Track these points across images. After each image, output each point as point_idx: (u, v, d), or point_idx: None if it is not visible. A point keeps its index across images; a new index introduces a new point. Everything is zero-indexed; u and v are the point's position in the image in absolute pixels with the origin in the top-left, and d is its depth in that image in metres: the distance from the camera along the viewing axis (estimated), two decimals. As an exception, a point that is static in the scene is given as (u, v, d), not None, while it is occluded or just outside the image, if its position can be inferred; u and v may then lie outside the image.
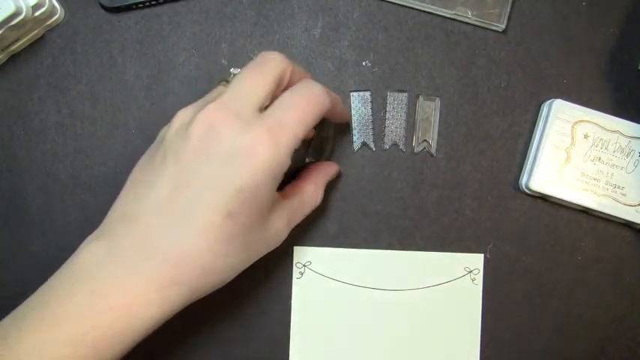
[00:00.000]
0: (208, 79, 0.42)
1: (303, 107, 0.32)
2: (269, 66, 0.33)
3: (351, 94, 0.42)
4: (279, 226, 0.35)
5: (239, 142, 0.30)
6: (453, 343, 0.41)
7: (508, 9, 0.42)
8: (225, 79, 0.36)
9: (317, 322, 0.41)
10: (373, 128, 0.42)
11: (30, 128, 0.42)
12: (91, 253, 0.31)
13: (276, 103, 0.32)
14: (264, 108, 0.32)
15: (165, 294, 0.30)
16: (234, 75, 0.35)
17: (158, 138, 0.35)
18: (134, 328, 0.30)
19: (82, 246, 0.32)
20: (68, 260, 0.32)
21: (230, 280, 0.33)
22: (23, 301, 0.32)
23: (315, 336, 0.41)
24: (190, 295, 0.31)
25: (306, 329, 0.41)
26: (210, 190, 0.30)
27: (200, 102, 0.34)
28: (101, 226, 0.33)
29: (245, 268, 0.33)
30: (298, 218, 0.37)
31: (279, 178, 0.32)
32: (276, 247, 0.42)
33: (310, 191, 0.37)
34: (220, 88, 0.36)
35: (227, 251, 0.31)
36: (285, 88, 0.34)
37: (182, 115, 0.33)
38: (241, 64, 0.42)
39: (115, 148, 0.42)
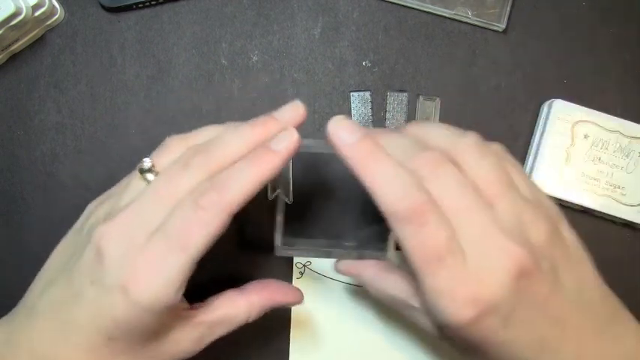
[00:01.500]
0: (208, 79, 0.42)
1: (189, 232, 0.28)
2: (182, 183, 0.29)
3: (351, 94, 0.42)
4: (186, 341, 0.32)
5: (116, 277, 0.28)
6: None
7: (508, 9, 0.42)
8: (140, 168, 0.31)
9: (317, 322, 0.41)
10: (373, 128, 0.42)
11: (30, 128, 0.42)
12: None
13: (161, 226, 0.29)
14: None
15: None
16: (147, 169, 0.31)
17: (79, 221, 0.34)
18: None
19: None
20: None
21: None
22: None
23: (315, 336, 0.41)
24: None
25: (306, 329, 0.41)
26: (92, 314, 0.29)
27: (115, 198, 0.32)
28: (13, 310, 0.32)
29: None
30: (219, 333, 0.33)
31: (166, 311, 0.29)
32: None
33: (240, 308, 0.33)
34: (135, 179, 0.31)
35: None
36: None
37: (90, 213, 0.33)
38: (239, 67, 0.42)
39: (114, 148, 0.42)
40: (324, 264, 0.41)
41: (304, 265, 0.42)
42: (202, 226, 0.28)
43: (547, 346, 0.29)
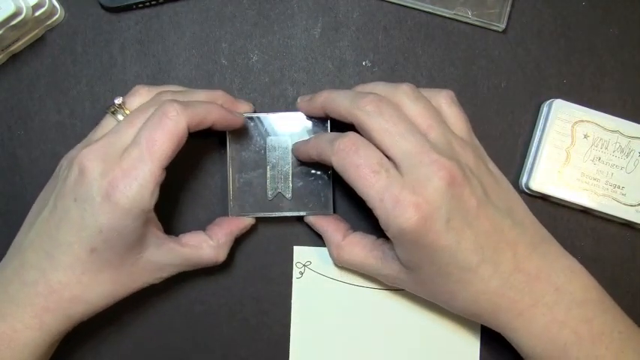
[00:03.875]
0: (208, 79, 0.42)
1: (156, 139, 0.32)
2: (158, 127, 0.33)
3: None
4: (158, 264, 0.36)
5: (97, 186, 0.32)
6: (453, 343, 0.41)
7: (508, 9, 0.42)
8: (108, 107, 0.37)
9: (317, 322, 0.41)
10: None
11: (30, 128, 0.42)
12: None
13: (134, 139, 0.33)
14: None
15: (41, 319, 0.33)
16: (118, 105, 0.37)
17: (56, 169, 0.38)
18: (18, 350, 0.33)
19: None
20: None
21: (107, 307, 0.36)
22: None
23: (315, 336, 0.41)
24: (67, 320, 0.34)
25: (306, 329, 0.41)
26: (76, 229, 0.33)
27: (89, 137, 0.37)
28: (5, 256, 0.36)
29: (121, 297, 0.36)
30: (190, 266, 0.38)
31: (143, 216, 0.33)
32: (276, 247, 0.42)
33: (209, 246, 0.38)
34: (106, 119, 0.37)
35: (96, 282, 0.34)
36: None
37: (69, 155, 0.37)
38: (239, 67, 0.42)
39: (115, 148, 0.42)
40: (324, 264, 0.41)
41: (304, 265, 0.42)
42: (166, 133, 0.32)
43: (487, 256, 0.33)
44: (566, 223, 0.42)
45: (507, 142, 0.42)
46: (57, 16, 0.41)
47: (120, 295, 0.36)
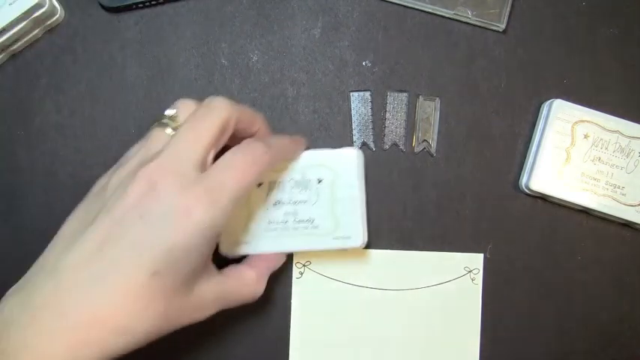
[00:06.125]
0: (208, 79, 0.42)
1: (243, 168, 0.32)
2: (213, 116, 0.33)
3: (351, 94, 0.42)
4: (207, 299, 0.33)
5: (176, 203, 0.30)
6: (452, 342, 0.41)
7: (508, 9, 0.42)
8: (160, 120, 0.34)
9: (317, 322, 0.41)
10: (373, 128, 0.42)
11: (30, 128, 0.42)
12: (7, 308, 0.30)
13: (218, 163, 0.32)
14: (206, 163, 0.32)
15: (75, 354, 0.29)
16: (170, 117, 0.34)
17: (94, 188, 0.34)
18: None
19: (4, 297, 0.31)
20: None
21: (143, 345, 0.31)
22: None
23: (315, 336, 0.41)
24: (101, 355, 0.29)
25: (306, 329, 0.41)
26: (139, 248, 0.29)
27: (138, 153, 0.33)
28: (25, 275, 0.32)
29: (160, 336, 0.32)
30: (231, 301, 0.36)
31: (213, 242, 0.31)
32: None
33: (251, 278, 0.36)
34: (155, 132, 0.34)
35: (146, 313, 0.30)
36: (236, 134, 0.34)
37: (120, 172, 0.33)
38: (239, 67, 0.42)
39: (115, 148, 0.42)
40: (324, 264, 0.41)
41: (304, 265, 0.42)
42: (254, 172, 0.32)
43: None
44: (566, 223, 0.42)
45: (507, 142, 0.42)
46: (57, 16, 0.41)
47: (162, 332, 0.32)
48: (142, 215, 0.29)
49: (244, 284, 0.36)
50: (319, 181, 0.38)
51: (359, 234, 0.37)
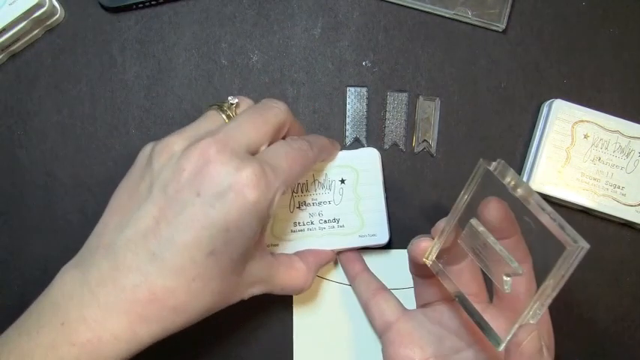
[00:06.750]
0: (208, 79, 0.42)
1: (294, 158, 0.33)
2: (272, 114, 0.33)
3: (348, 88, 0.42)
4: (257, 278, 0.33)
5: (231, 180, 0.29)
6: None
7: (508, 9, 0.42)
8: (218, 104, 0.34)
9: (319, 323, 0.41)
10: (367, 125, 0.42)
11: (30, 128, 0.42)
12: (64, 283, 0.30)
13: (272, 148, 0.33)
14: (258, 153, 0.32)
15: (134, 331, 0.29)
16: (231, 104, 0.34)
17: (140, 159, 0.33)
18: None
19: (59, 273, 0.31)
20: (47, 287, 0.31)
21: (197, 321, 0.32)
22: (24, 300, 0.31)
23: (318, 337, 0.41)
24: (160, 332, 0.30)
25: (309, 331, 0.41)
26: (196, 226, 0.29)
27: (190, 129, 0.33)
28: (80, 253, 0.32)
29: (213, 311, 0.32)
30: (277, 286, 0.35)
31: (266, 223, 0.32)
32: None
33: (301, 268, 0.36)
34: (212, 113, 0.34)
35: (203, 291, 0.30)
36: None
37: (172, 144, 0.32)
38: (239, 67, 0.42)
39: (114, 148, 0.42)
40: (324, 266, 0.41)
41: (304, 265, 0.42)
42: (302, 164, 0.33)
43: None
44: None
45: (507, 142, 0.42)
46: (57, 16, 0.41)
47: (216, 308, 0.32)
48: (200, 193, 0.29)
49: (294, 273, 0.36)
50: (342, 182, 0.39)
51: (384, 231, 0.39)
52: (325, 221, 0.39)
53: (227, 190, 0.29)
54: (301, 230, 0.39)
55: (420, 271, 0.35)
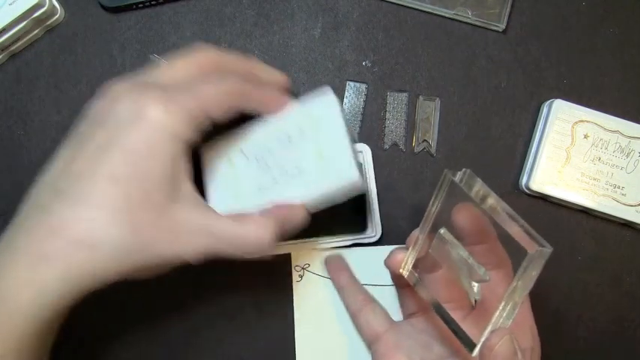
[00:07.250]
0: (208, 79, 0.42)
1: (217, 86, 0.31)
2: (192, 55, 0.33)
3: (348, 82, 0.42)
4: (187, 227, 0.30)
5: (133, 106, 0.29)
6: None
7: (508, 9, 0.42)
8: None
9: (320, 323, 0.41)
10: (362, 121, 0.42)
11: (30, 128, 0.42)
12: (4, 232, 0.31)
13: (188, 79, 0.32)
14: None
15: (36, 272, 0.28)
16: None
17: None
18: (38, 302, 0.28)
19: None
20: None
21: (119, 270, 0.29)
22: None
23: (319, 337, 0.41)
24: (75, 275, 0.28)
25: (310, 331, 0.41)
26: (98, 154, 0.29)
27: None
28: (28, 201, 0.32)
29: (134, 262, 0.29)
30: (225, 243, 0.31)
31: (181, 159, 0.30)
32: (273, 253, 0.40)
33: (254, 221, 0.31)
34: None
35: (108, 223, 0.28)
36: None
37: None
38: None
39: (115, 148, 0.42)
40: (322, 265, 0.41)
41: (303, 268, 0.42)
42: (226, 90, 0.31)
43: None
44: (566, 223, 0.42)
45: (507, 142, 0.42)
46: (57, 16, 0.41)
47: (135, 254, 0.29)
48: (101, 123, 0.30)
49: (245, 226, 0.31)
50: (301, 132, 0.34)
51: (350, 167, 0.33)
52: (289, 175, 0.34)
53: (127, 114, 0.29)
54: (267, 189, 0.34)
55: (400, 281, 0.35)
